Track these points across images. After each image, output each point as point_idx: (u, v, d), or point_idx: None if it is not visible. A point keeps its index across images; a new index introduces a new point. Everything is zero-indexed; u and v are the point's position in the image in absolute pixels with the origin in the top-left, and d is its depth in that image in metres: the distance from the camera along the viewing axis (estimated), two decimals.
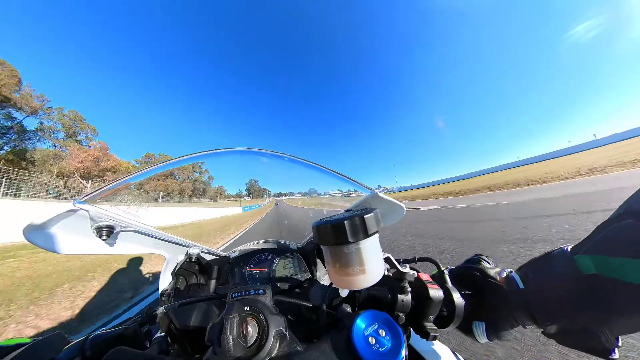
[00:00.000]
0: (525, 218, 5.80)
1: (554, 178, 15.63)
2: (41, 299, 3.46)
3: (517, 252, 3.38)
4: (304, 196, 1.76)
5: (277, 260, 1.04)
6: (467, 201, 12.80)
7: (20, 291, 3.77)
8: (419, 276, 0.51)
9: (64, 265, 5.37)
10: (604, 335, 0.34)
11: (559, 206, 6.71)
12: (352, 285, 0.41)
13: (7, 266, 5.37)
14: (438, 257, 2.28)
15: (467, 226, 6.06)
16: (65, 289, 3.85)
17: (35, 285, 4.07)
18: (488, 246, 3.84)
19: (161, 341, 0.54)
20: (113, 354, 0.35)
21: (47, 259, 5.81)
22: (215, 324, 0.39)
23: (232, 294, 0.46)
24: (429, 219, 8.07)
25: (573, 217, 4.95)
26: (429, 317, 0.47)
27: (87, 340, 0.46)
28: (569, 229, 4.18)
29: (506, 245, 3.74)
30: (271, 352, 0.37)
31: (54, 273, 4.74)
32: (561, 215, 5.31)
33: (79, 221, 0.59)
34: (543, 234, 4.09)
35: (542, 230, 4.37)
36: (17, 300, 3.39)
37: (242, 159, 0.77)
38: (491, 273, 0.49)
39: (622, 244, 0.33)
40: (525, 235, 4.19)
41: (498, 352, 1.69)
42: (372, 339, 0.38)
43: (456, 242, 4.52)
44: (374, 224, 0.39)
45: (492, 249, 3.64)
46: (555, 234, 3.95)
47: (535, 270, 0.44)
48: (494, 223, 5.86)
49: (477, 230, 5.32)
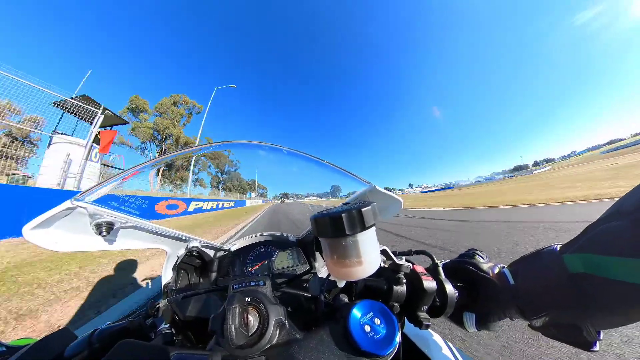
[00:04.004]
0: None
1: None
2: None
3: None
4: (301, 199, 1.74)
5: (276, 252, 1.06)
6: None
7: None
8: (414, 268, 0.53)
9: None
10: (586, 330, 0.36)
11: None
12: (349, 276, 0.42)
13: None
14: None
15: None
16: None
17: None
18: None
19: (166, 332, 0.55)
20: (120, 346, 0.37)
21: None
22: (217, 315, 0.40)
23: (233, 286, 0.47)
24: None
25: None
26: (423, 307, 0.49)
27: (94, 334, 0.47)
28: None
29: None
30: (272, 339, 0.39)
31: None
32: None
33: (77, 219, 0.60)
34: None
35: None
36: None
37: (236, 152, 0.75)
38: (484, 267, 0.51)
39: (610, 243, 0.34)
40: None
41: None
42: (368, 327, 0.39)
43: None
44: (371, 217, 0.40)
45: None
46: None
47: (525, 267, 0.45)
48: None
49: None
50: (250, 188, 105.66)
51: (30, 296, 2.81)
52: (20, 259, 4.20)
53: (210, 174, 71.92)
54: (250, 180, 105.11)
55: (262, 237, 1.16)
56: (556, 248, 0.42)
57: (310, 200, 9.93)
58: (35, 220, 0.53)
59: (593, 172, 33.48)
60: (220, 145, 0.74)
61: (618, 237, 0.34)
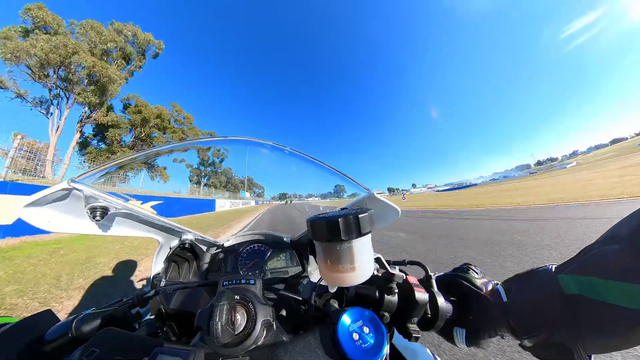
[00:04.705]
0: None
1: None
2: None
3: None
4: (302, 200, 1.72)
5: (269, 252, 1.05)
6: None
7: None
8: (407, 279, 0.52)
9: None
10: (577, 352, 0.36)
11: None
12: (342, 282, 0.42)
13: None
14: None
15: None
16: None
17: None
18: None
19: (150, 323, 0.54)
20: (103, 334, 0.36)
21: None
22: (204, 310, 0.39)
23: (224, 282, 0.47)
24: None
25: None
26: (413, 319, 0.48)
27: (76, 319, 0.46)
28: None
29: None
30: (257, 340, 0.38)
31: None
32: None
33: (72, 201, 0.59)
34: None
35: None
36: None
37: (236, 149, 0.75)
38: (477, 283, 0.50)
39: (606, 266, 0.34)
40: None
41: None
42: (356, 335, 0.39)
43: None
44: (367, 224, 0.39)
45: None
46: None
47: (519, 286, 0.45)
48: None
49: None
50: (244, 187, 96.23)
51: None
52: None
53: (189, 165, 54.40)
54: (245, 178, 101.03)
55: (256, 236, 1.15)
56: (551, 268, 0.42)
57: (313, 202, 9.98)
58: (30, 198, 0.53)
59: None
60: (222, 141, 0.73)
61: (614, 260, 0.34)
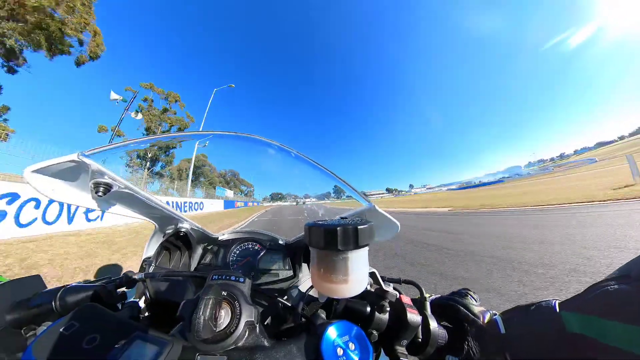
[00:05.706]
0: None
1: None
2: None
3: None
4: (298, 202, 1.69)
5: (263, 252, 1.04)
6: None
7: None
8: (401, 298, 0.51)
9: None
10: None
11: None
12: (333, 292, 0.41)
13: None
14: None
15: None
16: None
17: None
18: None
19: (133, 306, 0.54)
20: (84, 309, 0.36)
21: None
22: (189, 301, 0.39)
23: (213, 276, 0.46)
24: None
25: None
26: (402, 341, 0.46)
27: (62, 289, 0.47)
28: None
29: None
30: (238, 340, 0.37)
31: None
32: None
33: (79, 173, 0.60)
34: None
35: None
36: None
37: (240, 145, 0.74)
38: (475, 310, 0.49)
39: (613, 306, 0.33)
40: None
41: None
42: (340, 351, 0.37)
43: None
44: (366, 237, 0.39)
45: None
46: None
47: (520, 319, 0.44)
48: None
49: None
50: (223, 183, 70.44)
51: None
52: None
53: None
54: (226, 170, 65.09)
55: (252, 234, 1.14)
56: (555, 304, 0.41)
57: (330, 204, 9.61)
58: (37, 164, 0.53)
59: None
60: (222, 135, 0.73)
61: (622, 301, 0.33)
